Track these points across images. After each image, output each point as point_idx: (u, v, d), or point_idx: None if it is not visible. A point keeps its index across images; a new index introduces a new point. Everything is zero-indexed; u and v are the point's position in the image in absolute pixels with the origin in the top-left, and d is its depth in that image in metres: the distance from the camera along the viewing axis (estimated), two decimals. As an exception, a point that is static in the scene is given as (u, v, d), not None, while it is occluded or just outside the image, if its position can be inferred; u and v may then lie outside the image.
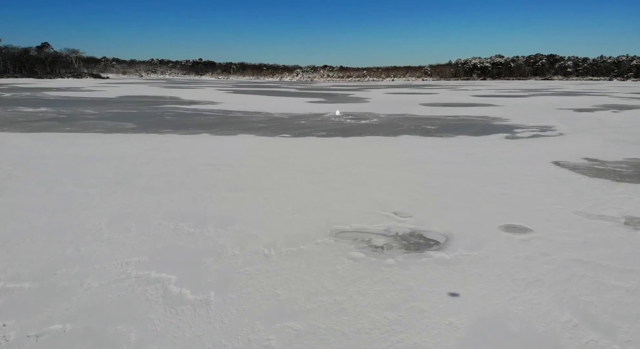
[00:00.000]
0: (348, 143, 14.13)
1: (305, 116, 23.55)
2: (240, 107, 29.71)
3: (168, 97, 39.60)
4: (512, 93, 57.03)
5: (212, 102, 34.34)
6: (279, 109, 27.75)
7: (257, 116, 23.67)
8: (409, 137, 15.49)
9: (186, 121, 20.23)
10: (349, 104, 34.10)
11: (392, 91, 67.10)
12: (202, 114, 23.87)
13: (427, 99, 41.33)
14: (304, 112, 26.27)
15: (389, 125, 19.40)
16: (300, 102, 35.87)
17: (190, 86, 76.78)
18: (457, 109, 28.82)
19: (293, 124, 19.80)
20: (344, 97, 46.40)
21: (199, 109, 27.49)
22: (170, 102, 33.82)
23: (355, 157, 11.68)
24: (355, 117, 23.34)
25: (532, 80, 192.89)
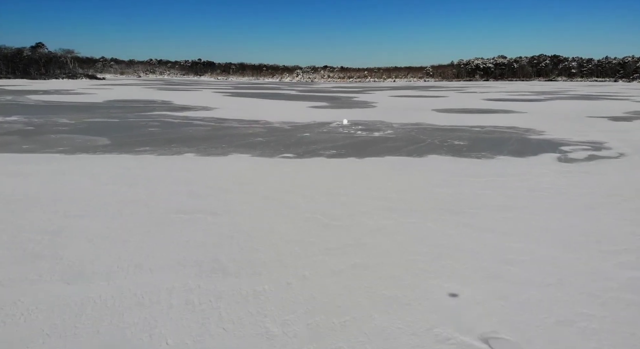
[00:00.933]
0: (367, 169, 11.29)
1: (309, 127, 20.71)
2: (237, 114, 26.86)
3: (159, 102, 36.74)
4: (525, 96, 54.21)
5: (206, 107, 31.49)
6: (279, 117, 24.90)
7: (255, 126, 20.83)
8: (439, 159, 12.64)
9: (171, 134, 17.38)
10: (355, 110, 31.26)
11: (397, 93, 64.28)
12: (192, 124, 21.02)
13: (438, 104, 38.48)
14: (308, 120, 23.43)
15: (408, 139, 16.55)
16: (302, 108, 33.03)
17: (187, 88, 73.96)
18: (477, 117, 25.97)
19: (296, 137, 16.95)
20: (348, 101, 43.57)
21: (189, 117, 24.62)
22: (160, 107, 30.97)
23: (382, 193, 8.84)
24: (366, 127, 20.49)
25: (535, 81, 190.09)
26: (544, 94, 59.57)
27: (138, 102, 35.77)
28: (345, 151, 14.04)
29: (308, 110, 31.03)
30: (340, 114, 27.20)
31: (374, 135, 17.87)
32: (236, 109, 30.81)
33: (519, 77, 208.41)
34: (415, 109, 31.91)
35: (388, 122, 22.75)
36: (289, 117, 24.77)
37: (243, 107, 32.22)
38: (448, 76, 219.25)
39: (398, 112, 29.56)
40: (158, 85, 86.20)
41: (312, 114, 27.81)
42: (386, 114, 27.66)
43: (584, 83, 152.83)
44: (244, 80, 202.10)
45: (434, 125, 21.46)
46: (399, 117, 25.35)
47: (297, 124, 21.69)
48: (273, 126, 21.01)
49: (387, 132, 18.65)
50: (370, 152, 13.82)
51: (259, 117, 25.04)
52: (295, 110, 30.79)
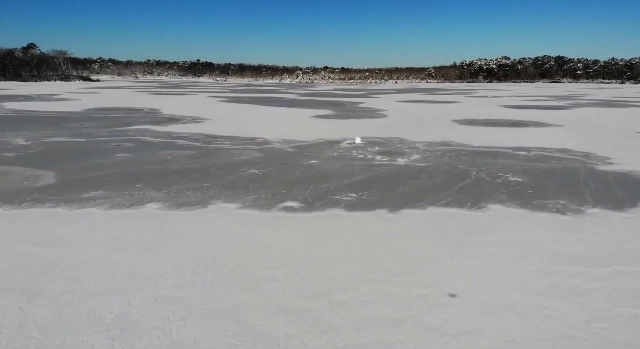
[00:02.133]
0: (408, 238, 7.56)
1: (316, 148, 16.99)
2: (230, 128, 23.14)
3: (146, 111, 33.00)
4: (543, 102, 50.54)
5: (196, 119, 27.76)
6: (279, 132, 21.17)
7: (250, 147, 17.12)
8: (508, 215, 8.93)
9: (142, 164, 13.66)
10: (365, 122, 27.54)
11: (403, 97, 60.55)
12: (173, 145, 17.30)
13: (455, 112, 34.76)
14: (313, 137, 19.72)
15: (446, 171, 12.83)
16: (305, 118, 29.31)
17: (182, 91, 70.27)
18: (511, 133, 22.26)
19: (300, 167, 13.24)
20: (354, 107, 39.83)
21: (174, 134, 20.89)
22: (144, 119, 27.24)
23: (452, 308, 5.11)
24: (385, 149, 16.78)
25: (540, 83, 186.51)
26: (561, 99, 55.90)
27: (121, 112, 32.03)
28: (368, 193, 10.32)
29: (311, 121, 27.30)
30: (349, 127, 23.48)
31: (398, 162, 14.15)
32: (230, 120, 27.09)
33: (522, 78, 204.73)
34: (432, 120, 28.18)
35: (409, 141, 19.03)
36: (290, 133, 21.05)
37: (238, 118, 28.49)
38: (451, 77, 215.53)
39: (414, 124, 25.82)
40: (152, 89, 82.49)
41: (317, 127, 24.08)
42: (402, 128, 23.94)
43: (591, 85, 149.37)
44: (242, 82, 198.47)
45: (466, 146, 17.73)
46: (419, 133, 21.62)
47: (301, 144, 17.97)
48: (272, 147, 17.29)
49: (414, 158, 14.92)
50: (403, 196, 10.09)
51: (255, 132, 21.31)
52: (297, 121, 27.06)
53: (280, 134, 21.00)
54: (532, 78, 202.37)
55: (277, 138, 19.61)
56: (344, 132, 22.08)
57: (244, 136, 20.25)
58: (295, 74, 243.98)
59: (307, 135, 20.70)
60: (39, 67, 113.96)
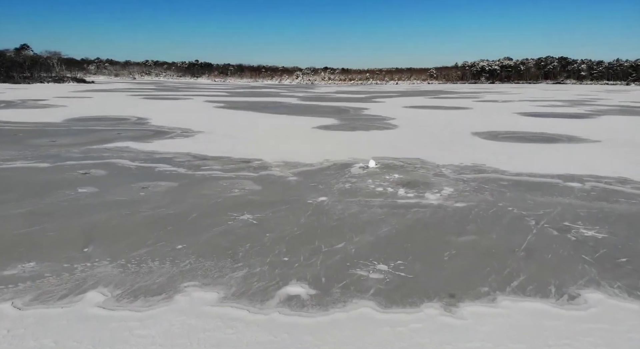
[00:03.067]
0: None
1: (323, 176, 14.09)
2: (223, 145, 20.24)
3: (132, 121, 30.08)
4: (559, 107, 47.68)
5: (186, 131, 24.84)
6: (279, 151, 18.27)
7: (244, 175, 14.21)
8: (612, 311, 6.04)
9: (99, 212, 10.74)
10: (374, 134, 24.65)
11: (409, 101, 57.62)
12: (150, 174, 14.38)
13: (470, 121, 31.86)
14: (319, 159, 16.82)
15: (494, 219, 9.92)
16: (308, 129, 26.41)
17: (177, 95, 67.34)
18: (546, 151, 19.37)
19: (306, 212, 10.33)
20: (359, 115, 36.89)
21: (156, 154, 17.97)
22: (127, 133, 24.34)
23: None
24: (407, 178, 13.88)
25: (543, 84, 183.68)
26: (577, 105, 53.04)
27: (105, 122, 29.10)
28: (404, 266, 7.42)
29: (315, 134, 24.39)
30: (358, 143, 20.58)
31: (428, 201, 11.24)
32: (224, 134, 24.17)
33: (525, 79, 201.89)
34: (449, 133, 25.27)
35: (431, 164, 16.13)
36: (292, 152, 18.14)
37: (233, 130, 25.57)
38: (452, 78, 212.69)
39: (430, 138, 22.92)
40: (147, 92, 79.58)
41: (322, 142, 21.17)
42: (418, 143, 21.03)
43: (598, 87, 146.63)
44: (241, 83, 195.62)
45: (502, 172, 14.81)
46: (440, 151, 18.72)
47: (305, 169, 15.07)
48: (270, 173, 14.38)
49: (446, 193, 12.02)
50: (455, 273, 7.18)
51: (251, 151, 18.40)
52: (299, 134, 24.14)
53: (280, 153, 18.11)
54: (535, 79, 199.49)
55: (276, 160, 16.71)
56: (353, 149, 19.19)
57: (238, 157, 17.34)
58: (295, 74, 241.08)
59: (312, 154, 17.80)
60: (32, 69, 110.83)
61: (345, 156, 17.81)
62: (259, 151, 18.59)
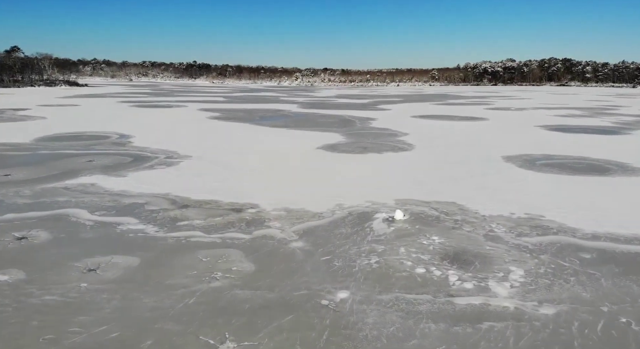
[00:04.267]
0: None
1: (337, 235, 10.58)
2: (213, 179, 16.71)
3: (112, 141, 26.52)
4: (580, 117, 44.24)
5: (171, 157, 21.30)
6: (279, 192, 14.74)
7: (233, 237, 10.69)
8: None
9: (41, 321, 7.19)
10: (389, 159, 21.13)
11: (416, 109, 54.08)
12: (112, 234, 10.84)
13: (494, 138, 28.36)
14: (329, 206, 13.29)
15: (620, 346, 6.43)
16: (311, 152, 22.88)
17: (171, 101, 63.75)
18: (607, 189, 15.85)
19: (320, 326, 6.80)
20: (367, 128, 33.34)
21: (126, 196, 14.41)
22: (100, 161, 20.80)
23: None
24: (452, 245, 10.36)
25: (547, 86, 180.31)
26: (598, 114, 49.62)
27: (80, 143, 25.55)
28: None
29: (321, 160, 20.85)
30: (373, 173, 17.03)
31: (499, 302, 7.70)
32: (214, 160, 20.62)
33: (529, 81, 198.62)
34: (478, 158, 21.75)
35: (475, 213, 12.62)
36: (295, 193, 14.62)
37: (225, 155, 22.02)
38: (454, 80, 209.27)
39: (459, 167, 19.39)
40: (140, 96, 76.01)
41: (331, 174, 17.63)
42: (446, 176, 17.52)
43: (605, 90, 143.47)
44: (240, 85, 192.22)
45: (576, 233, 11.25)
46: (478, 190, 15.20)
47: (314, 226, 11.55)
48: (267, 236, 10.84)
49: (517, 280, 8.50)
50: None
51: (245, 189, 14.87)
52: (303, 162, 20.60)
53: (281, 193, 14.58)
54: (538, 81, 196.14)
55: (275, 205, 13.19)
56: (369, 185, 15.68)
57: (228, 201, 13.80)
58: (295, 76, 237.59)
59: (319, 195, 14.26)
60: (22, 72, 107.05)
61: (361, 197, 14.29)
62: (254, 190, 15.05)
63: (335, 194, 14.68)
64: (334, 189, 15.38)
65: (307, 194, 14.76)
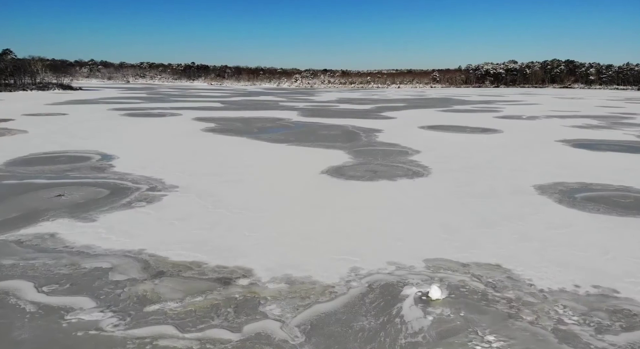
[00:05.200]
0: None
1: (357, 333, 7.79)
2: (199, 223, 13.92)
3: (92, 165, 23.70)
4: (598, 128, 41.53)
5: (154, 188, 18.49)
6: (277, 250, 11.97)
7: (217, 338, 7.90)
8: None
9: None
10: (404, 188, 18.35)
11: (421, 117, 51.34)
12: (57, 328, 8.05)
13: (516, 160, 25.61)
14: (342, 275, 10.54)
15: None
16: (314, 179, 20.10)
17: (165, 109, 60.87)
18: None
19: None
20: (373, 143, 30.56)
21: (87, 257, 11.62)
22: (70, 198, 18.02)
23: None
24: (514, 347, 7.61)
25: (550, 89, 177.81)
26: (616, 125, 46.93)
27: (53, 168, 22.74)
28: None
29: (326, 191, 18.06)
30: (389, 213, 14.26)
31: None
32: (203, 192, 17.82)
33: (531, 83, 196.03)
34: (506, 189, 18.99)
35: (529, 286, 9.88)
36: (297, 252, 11.85)
37: (216, 184, 19.23)
38: (456, 82, 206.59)
39: (489, 205, 16.61)
40: (134, 102, 73.16)
41: (339, 216, 14.85)
42: (477, 218, 14.75)
43: (610, 93, 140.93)
44: (239, 87, 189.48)
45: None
46: (523, 243, 12.43)
47: (325, 314, 8.82)
48: (260, 333, 8.07)
49: None
50: None
51: (237, 242, 12.09)
52: (305, 197, 17.81)
53: (280, 252, 11.81)
54: (541, 83, 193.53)
55: (273, 276, 10.41)
56: (389, 231, 12.90)
57: (215, 264, 11.02)
58: (294, 77, 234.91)
59: (329, 256, 11.47)
60: (15, 75, 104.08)
61: (381, 256, 11.54)
62: (248, 243, 12.28)
63: (348, 250, 11.92)
64: (345, 242, 12.61)
65: (313, 250, 11.99)
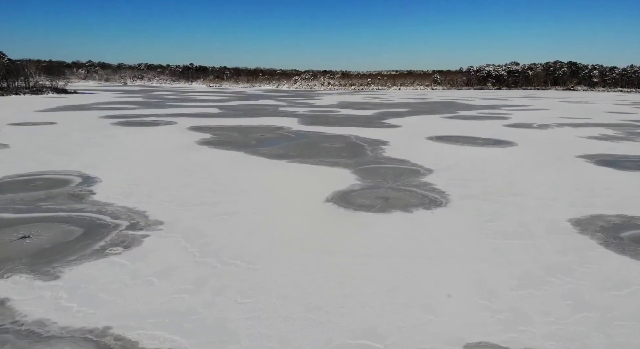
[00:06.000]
0: None
1: None
2: (182, 281, 11.48)
3: (69, 191, 21.27)
4: (617, 140, 39.17)
5: (135, 225, 16.06)
6: (278, 331, 9.53)
7: None
8: None
9: None
10: (423, 221, 15.89)
11: (427, 125, 48.95)
12: None
13: (542, 178, 23.23)
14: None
15: None
16: (317, 209, 17.65)
17: (160, 116, 58.40)
18: None
19: None
20: (380, 158, 28.14)
21: (37, 340, 9.16)
22: (35, 240, 15.56)
23: None
24: None
25: (552, 91, 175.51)
26: (637, 135, 44.52)
27: (24, 198, 20.30)
28: None
29: (333, 227, 15.59)
30: (409, 261, 11.80)
31: None
32: (190, 232, 15.37)
33: (533, 85, 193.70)
34: (545, 227, 16.56)
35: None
36: (300, 326, 9.41)
37: (206, 220, 16.79)
38: (457, 84, 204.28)
39: (527, 248, 14.20)
40: (129, 108, 70.68)
41: (351, 270, 12.42)
42: (519, 268, 12.33)
43: (616, 96, 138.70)
44: (238, 89, 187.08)
45: None
46: (581, 315, 10.00)
47: None
48: None
49: None
50: None
51: (223, 322, 9.65)
52: (309, 236, 15.35)
53: (281, 329, 9.37)
54: (543, 85, 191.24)
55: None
56: (411, 292, 10.43)
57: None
58: (294, 79, 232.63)
59: (342, 332, 9.01)
60: (8, 78, 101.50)
61: (410, 338, 9.10)
62: (240, 319, 9.84)
63: (365, 329, 9.48)
64: (361, 313, 10.17)
65: (322, 331, 9.53)
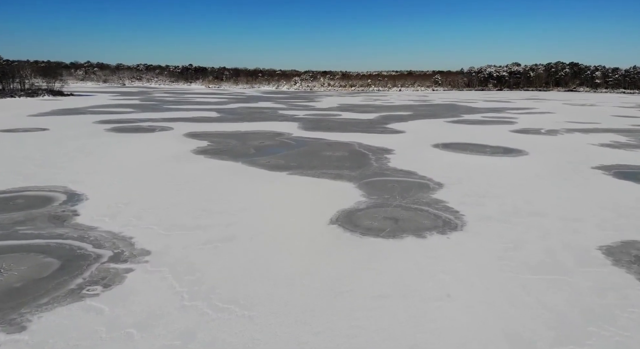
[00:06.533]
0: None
1: None
2: (167, 334, 9.84)
3: (50, 213, 19.64)
4: (629, 149, 37.57)
5: (118, 257, 14.42)
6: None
7: None
8: None
9: None
10: (439, 251, 14.27)
11: (432, 131, 47.33)
12: None
13: (561, 193, 21.65)
14: None
15: None
16: (321, 233, 16.00)
17: (156, 121, 56.72)
18: None
19: None
20: (385, 170, 26.54)
21: None
22: (9, 277, 13.95)
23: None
24: None
25: (555, 92, 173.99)
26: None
27: (2, 220, 18.69)
28: None
29: (338, 257, 13.94)
30: (428, 305, 10.18)
31: None
32: (178, 265, 13.72)
33: (535, 86, 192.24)
34: (573, 256, 14.94)
35: None
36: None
37: (197, 250, 15.16)
38: (458, 85, 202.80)
39: (557, 283, 12.57)
40: (125, 111, 69.02)
41: (359, 296, 10.78)
42: (551, 311, 10.71)
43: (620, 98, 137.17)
44: (237, 90, 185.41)
45: None
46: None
47: None
48: None
49: None
50: None
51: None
52: (311, 271, 13.70)
53: None
54: (545, 86, 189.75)
55: None
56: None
57: None
58: (293, 80, 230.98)
59: None
60: (3, 81, 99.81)
61: None
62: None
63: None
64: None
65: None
